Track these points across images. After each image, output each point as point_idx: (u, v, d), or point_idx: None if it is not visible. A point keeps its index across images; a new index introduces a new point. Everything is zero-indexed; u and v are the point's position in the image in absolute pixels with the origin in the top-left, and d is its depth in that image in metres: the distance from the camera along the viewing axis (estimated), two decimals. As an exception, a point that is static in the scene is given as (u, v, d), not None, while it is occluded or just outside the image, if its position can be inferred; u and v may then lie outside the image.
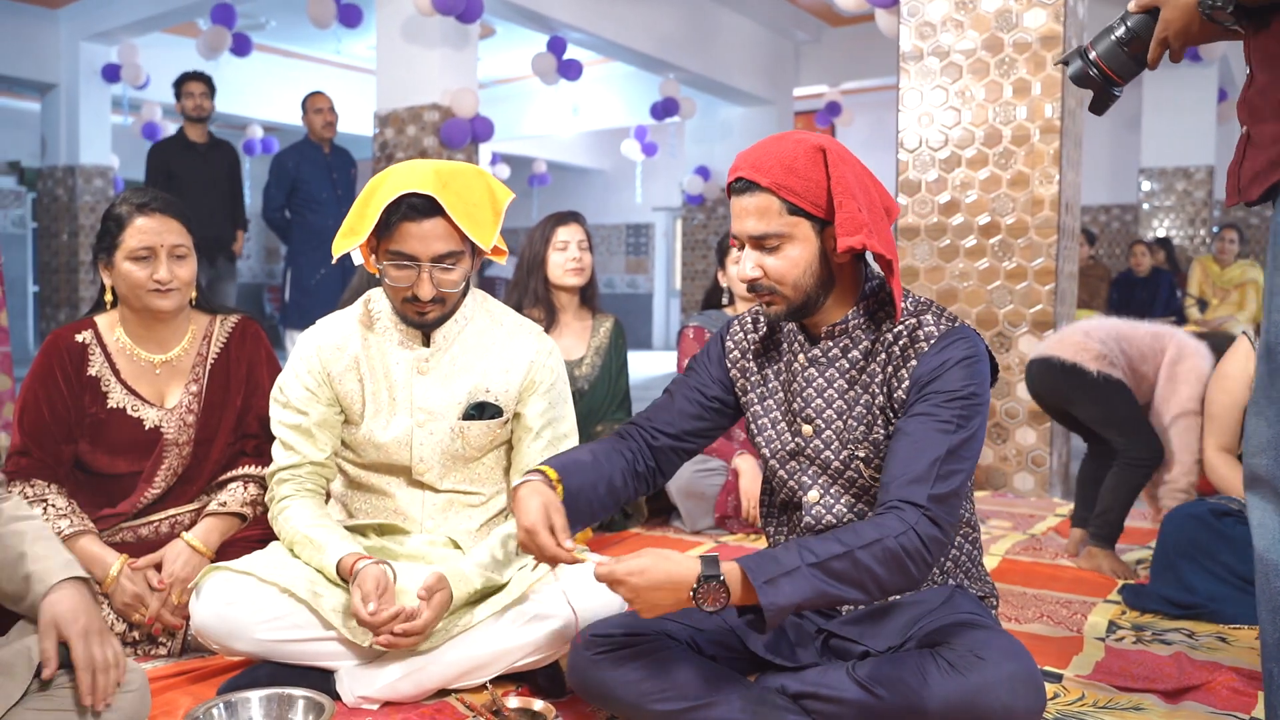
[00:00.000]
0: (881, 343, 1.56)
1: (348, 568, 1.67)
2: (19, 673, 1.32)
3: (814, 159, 1.48)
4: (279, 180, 5.42)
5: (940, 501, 1.42)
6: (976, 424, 1.48)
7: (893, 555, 1.37)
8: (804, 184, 1.47)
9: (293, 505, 1.81)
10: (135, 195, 2.01)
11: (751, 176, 1.48)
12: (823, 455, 1.61)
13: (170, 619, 1.90)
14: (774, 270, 1.51)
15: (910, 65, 3.97)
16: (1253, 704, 1.75)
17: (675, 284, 14.12)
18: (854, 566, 1.36)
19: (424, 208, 1.69)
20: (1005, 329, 3.82)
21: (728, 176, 1.54)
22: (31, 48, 8.58)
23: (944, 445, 1.45)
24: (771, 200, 1.48)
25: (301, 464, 1.84)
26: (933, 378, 1.49)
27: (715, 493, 3.11)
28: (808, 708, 1.50)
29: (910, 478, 1.43)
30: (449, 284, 1.75)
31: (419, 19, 5.93)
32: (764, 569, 1.35)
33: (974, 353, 1.50)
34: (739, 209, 1.52)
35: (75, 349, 2.03)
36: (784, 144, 1.50)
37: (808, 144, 1.49)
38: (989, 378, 1.53)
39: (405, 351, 1.84)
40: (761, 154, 1.50)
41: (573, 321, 3.18)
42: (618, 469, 1.63)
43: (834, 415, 1.60)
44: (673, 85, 8.75)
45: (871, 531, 1.38)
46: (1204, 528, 2.27)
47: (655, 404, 1.76)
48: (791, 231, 1.50)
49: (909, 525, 1.39)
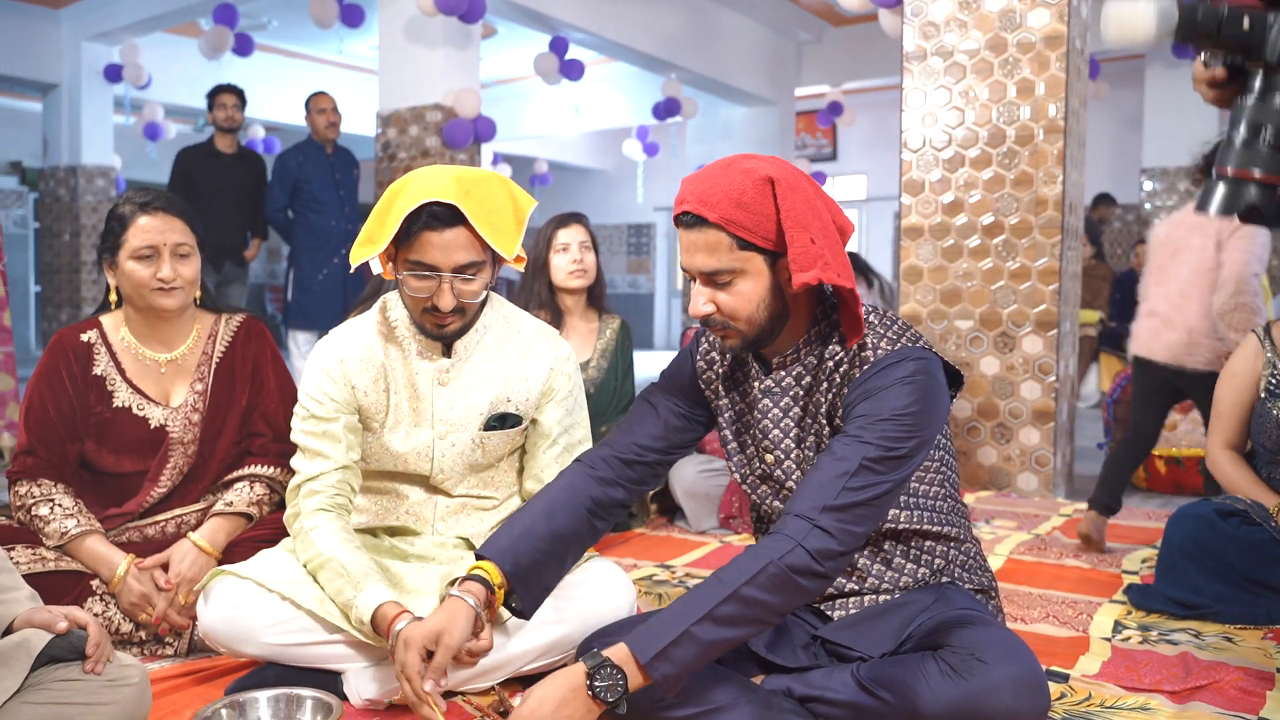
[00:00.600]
0: (823, 370, 1.53)
1: (388, 618, 1.55)
2: (17, 665, 1.32)
3: (762, 191, 1.42)
4: (282, 180, 5.44)
5: (838, 511, 1.38)
6: (910, 445, 1.43)
7: (780, 579, 1.35)
8: (753, 218, 1.42)
9: (321, 524, 1.72)
10: (138, 194, 2.01)
11: (699, 211, 1.43)
12: (788, 484, 1.60)
13: (177, 619, 1.89)
14: (727, 306, 1.47)
15: (914, 65, 3.96)
16: (1260, 704, 1.74)
17: (677, 284, 14.13)
18: (742, 605, 1.35)
19: (446, 217, 1.63)
20: (1009, 329, 3.82)
21: (674, 206, 1.48)
22: (33, 48, 8.58)
23: (856, 460, 1.40)
24: (721, 236, 1.43)
25: (328, 472, 1.76)
26: (862, 399, 1.45)
27: (719, 493, 3.11)
28: (813, 710, 1.50)
29: (809, 489, 1.41)
30: (470, 294, 1.70)
31: (421, 19, 5.93)
32: (650, 643, 1.34)
33: (912, 372, 1.45)
34: (688, 243, 1.47)
35: (80, 348, 2.03)
36: (731, 175, 1.44)
37: (755, 175, 1.43)
38: (935, 393, 1.47)
39: (426, 362, 1.81)
40: (708, 186, 1.43)
41: (579, 324, 3.17)
42: (582, 518, 1.61)
43: (791, 444, 1.59)
44: (675, 85, 8.74)
45: (754, 562, 1.36)
46: (1209, 528, 2.26)
47: (636, 417, 1.72)
48: (743, 266, 1.45)
49: (795, 542, 1.36)
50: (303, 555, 1.73)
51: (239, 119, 5.58)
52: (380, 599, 1.59)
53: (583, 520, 1.63)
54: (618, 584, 1.79)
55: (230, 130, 5.58)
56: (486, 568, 1.55)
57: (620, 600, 1.76)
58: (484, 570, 1.55)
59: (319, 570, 1.69)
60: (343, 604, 1.64)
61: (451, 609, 1.50)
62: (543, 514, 1.61)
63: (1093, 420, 6.16)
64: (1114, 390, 4.08)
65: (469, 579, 1.54)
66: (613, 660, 1.35)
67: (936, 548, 1.65)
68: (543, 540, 1.59)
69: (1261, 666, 1.92)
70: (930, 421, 1.46)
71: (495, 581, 1.54)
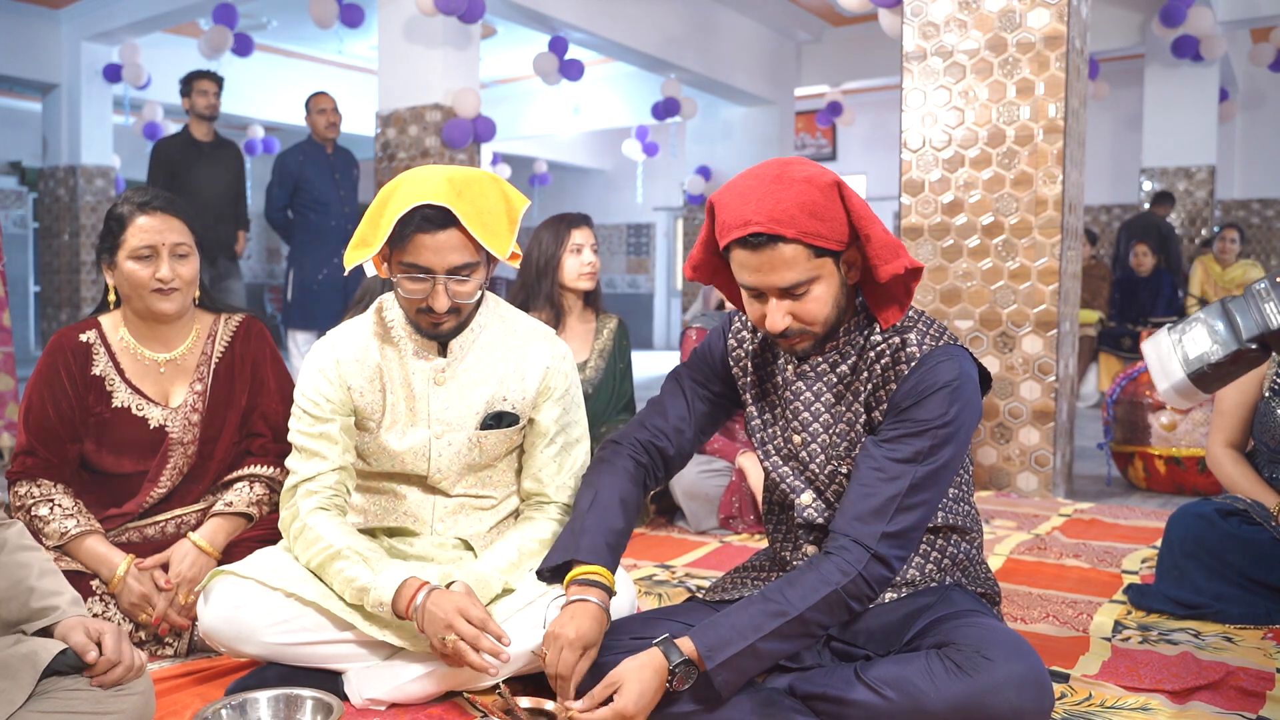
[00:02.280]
0: (865, 360, 1.55)
1: (409, 591, 1.59)
2: (23, 677, 1.32)
3: (830, 196, 1.43)
4: (282, 180, 5.42)
5: (894, 538, 1.47)
6: (949, 452, 1.50)
7: (838, 603, 1.46)
8: (829, 225, 1.43)
9: (323, 520, 1.72)
10: (137, 194, 2.01)
11: (773, 230, 1.41)
12: (811, 466, 1.62)
13: (177, 619, 1.89)
14: (806, 314, 1.49)
15: (914, 65, 3.96)
16: (1260, 704, 1.74)
17: (676, 284, 14.13)
18: (802, 625, 1.45)
19: (438, 219, 1.63)
20: (1009, 329, 3.82)
21: (730, 229, 1.45)
22: (33, 48, 8.58)
23: (907, 479, 1.47)
24: (799, 249, 1.43)
25: (324, 473, 1.76)
26: (910, 403, 1.50)
27: (719, 493, 3.11)
28: (816, 709, 1.50)
29: (866, 512, 1.47)
30: (464, 295, 1.70)
31: (421, 19, 5.93)
32: (716, 649, 1.43)
33: (956, 377, 1.49)
34: (759, 263, 1.44)
35: (79, 348, 2.03)
36: (793, 188, 1.42)
37: (819, 182, 1.43)
38: (974, 399, 1.52)
39: (421, 362, 1.81)
40: (774, 203, 1.41)
41: (576, 324, 3.17)
42: (634, 504, 1.68)
43: (820, 429, 1.61)
44: (674, 85, 8.75)
45: (818, 587, 1.45)
46: (1210, 527, 2.26)
47: (665, 402, 1.76)
48: (819, 273, 1.46)
49: (856, 571, 1.45)
50: (306, 553, 1.71)
51: (218, 106, 5.46)
52: (401, 575, 1.61)
53: (638, 508, 1.70)
54: (618, 583, 1.79)
55: (210, 118, 5.45)
56: (602, 573, 1.58)
57: (621, 600, 1.76)
58: (602, 577, 1.58)
59: (330, 561, 1.67)
60: (357, 590, 1.63)
61: (597, 616, 1.53)
62: (619, 508, 1.65)
63: (1092, 420, 6.16)
64: (1114, 390, 4.08)
65: (592, 584, 1.56)
66: (692, 659, 1.44)
67: (948, 547, 1.66)
68: (621, 535, 1.65)
69: (1261, 666, 1.92)
70: (969, 428, 1.53)
71: (611, 585, 1.59)
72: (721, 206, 1.47)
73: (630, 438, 1.75)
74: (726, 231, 1.46)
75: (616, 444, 1.75)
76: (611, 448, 1.75)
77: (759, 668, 1.46)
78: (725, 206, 1.46)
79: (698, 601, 1.78)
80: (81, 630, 1.39)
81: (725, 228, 1.47)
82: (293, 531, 1.75)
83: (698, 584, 2.51)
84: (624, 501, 1.66)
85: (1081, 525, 3.28)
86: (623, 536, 1.64)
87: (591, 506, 1.65)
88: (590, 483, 1.70)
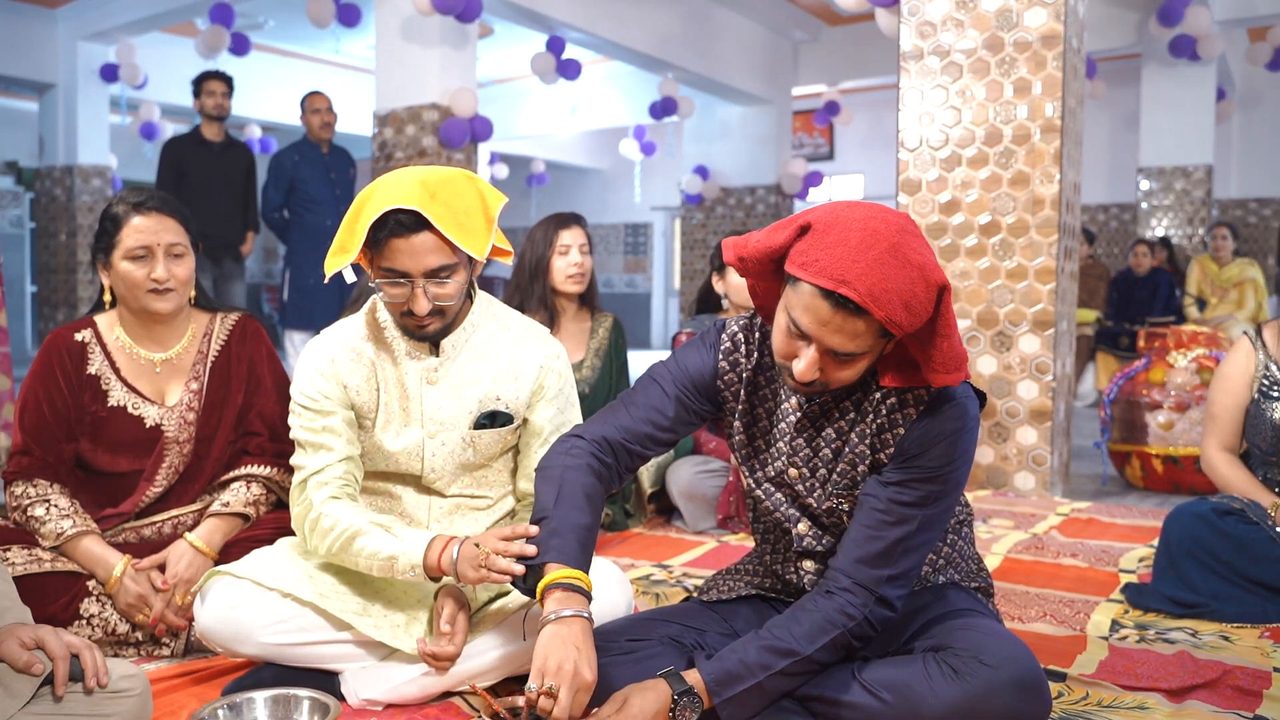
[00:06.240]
0: (870, 401, 1.53)
1: (439, 547, 1.60)
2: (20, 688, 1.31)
3: (930, 297, 1.36)
4: (277, 180, 5.42)
5: (897, 580, 1.49)
6: (955, 494, 1.53)
7: (842, 644, 1.49)
8: (912, 319, 1.35)
9: (340, 506, 1.70)
10: (132, 195, 2.00)
11: (866, 305, 1.32)
12: (808, 500, 1.60)
13: (174, 619, 1.89)
14: (838, 377, 1.43)
15: (911, 64, 3.96)
16: (1257, 703, 1.74)
17: (674, 284, 14.13)
18: (808, 664, 1.48)
19: (411, 223, 1.62)
20: (1006, 328, 3.82)
21: (819, 274, 1.34)
22: (29, 47, 8.56)
23: (914, 524, 1.49)
24: (873, 326, 1.37)
25: (332, 464, 1.74)
26: (918, 450, 1.49)
27: (717, 494, 3.11)
28: (814, 710, 1.51)
29: (870, 555, 1.49)
30: (445, 297, 1.69)
31: (418, 18, 5.92)
32: (724, 684, 1.46)
33: (962, 422, 1.48)
34: (827, 318, 1.36)
35: (75, 348, 2.02)
36: (905, 273, 1.33)
37: (930, 278, 1.35)
38: (976, 436, 1.53)
39: (414, 362, 1.80)
40: (880, 279, 1.32)
41: (571, 324, 3.16)
42: (599, 505, 1.61)
43: (819, 464, 1.58)
44: (671, 85, 8.75)
45: (825, 626, 1.48)
46: (1207, 526, 2.26)
47: (644, 400, 1.67)
48: (872, 348, 1.41)
49: (861, 614, 1.48)
50: (325, 540, 1.69)
51: (228, 107, 5.48)
52: (428, 535, 1.63)
53: (602, 505, 1.64)
54: (615, 583, 1.79)
55: (219, 118, 5.47)
56: (581, 577, 1.48)
57: (618, 600, 1.76)
58: (581, 581, 1.48)
59: (350, 541, 1.65)
60: (384, 561, 1.62)
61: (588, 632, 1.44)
62: (587, 506, 1.56)
63: (1090, 419, 6.17)
64: (1111, 389, 4.08)
65: (573, 590, 1.46)
66: (695, 690, 1.46)
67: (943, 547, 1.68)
68: (592, 532, 1.57)
69: (1258, 665, 1.92)
70: (969, 464, 1.54)
71: (589, 589, 1.50)
72: (820, 245, 1.36)
73: (600, 437, 1.64)
74: (814, 273, 1.35)
75: (581, 438, 1.65)
76: (582, 445, 1.64)
77: (763, 704, 1.49)
78: (825, 248, 1.35)
79: (695, 602, 1.78)
80: (15, 643, 1.31)
81: (813, 268, 1.35)
82: (307, 524, 1.72)
83: (695, 584, 2.51)
84: (589, 496, 1.57)
85: (1079, 524, 3.28)
86: (592, 533, 1.56)
87: (557, 502, 1.55)
88: (552, 478, 1.60)
